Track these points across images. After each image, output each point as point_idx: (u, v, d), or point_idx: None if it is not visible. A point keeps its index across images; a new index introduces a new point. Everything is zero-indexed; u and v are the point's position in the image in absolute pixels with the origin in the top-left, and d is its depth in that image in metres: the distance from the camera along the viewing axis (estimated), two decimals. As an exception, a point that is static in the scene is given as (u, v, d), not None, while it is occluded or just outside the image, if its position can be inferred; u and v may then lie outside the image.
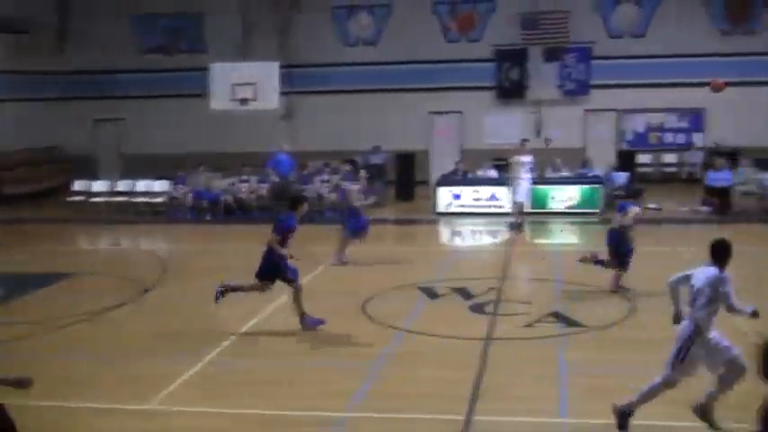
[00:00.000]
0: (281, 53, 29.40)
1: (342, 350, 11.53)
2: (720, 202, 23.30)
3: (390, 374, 10.56)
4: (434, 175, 27.45)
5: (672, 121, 30.23)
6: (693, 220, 22.74)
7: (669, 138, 30.25)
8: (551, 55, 29.89)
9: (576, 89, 30.06)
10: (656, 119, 30.25)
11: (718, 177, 23.72)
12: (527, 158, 21.90)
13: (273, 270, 12.11)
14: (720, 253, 8.24)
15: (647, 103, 29.60)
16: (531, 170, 22.12)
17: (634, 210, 14.23)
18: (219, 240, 21.70)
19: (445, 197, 24.14)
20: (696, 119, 29.86)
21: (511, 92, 30.30)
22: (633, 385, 8.48)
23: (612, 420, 8.37)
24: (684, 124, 30.11)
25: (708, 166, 25.67)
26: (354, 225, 17.25)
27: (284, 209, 12.70)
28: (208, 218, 24.56)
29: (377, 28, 31.02)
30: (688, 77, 28.81)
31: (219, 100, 25.43)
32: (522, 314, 13.05)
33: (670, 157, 30.28)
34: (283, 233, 12.04)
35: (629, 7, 29.93)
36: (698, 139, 29.79)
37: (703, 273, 8.25)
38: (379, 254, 18.15)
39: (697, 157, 29.16)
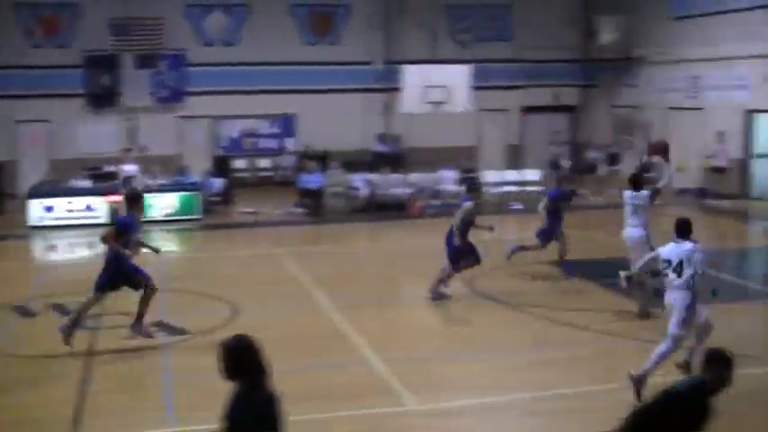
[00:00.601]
0: None
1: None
2: (313, 203, 24.50)
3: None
4: (24, 186, 26.00)
5: (265, 126, 31.25)
6: (288, 221, 23.70)
7: (263, 143, 31.24)
8: (144, 62, 29.56)
9: (170, 96, 30.02)
10: (249, 125, 31.09)
11: (310, 180, 24.96)
12: (131, 167, 21.47)
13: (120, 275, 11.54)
14: (686, 228, 9.65)
15: (240, 109, 30.28)
16: (136, 179, 21.73)
17: (467, 205, 14.20)
18: None
19: (37, 210, 22.91)
20: (287, 124, 31.10)
21: (103, 99, 29.48)
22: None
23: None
24: (276, 129, 31.25)
25: (300, 169, 26.98)
26: None
27: None
28: None
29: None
30: (279, 85, 30.12)
31: None
32: (124, 326, 12.81)
33: (264, 162, 31.26)
34: (119, 229, 11.54)
35: (219, 16, 30.45)
36: (290, 143, 31.09)
37: (678, 248, 9.56)
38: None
39: (289, 161, 30.45)
